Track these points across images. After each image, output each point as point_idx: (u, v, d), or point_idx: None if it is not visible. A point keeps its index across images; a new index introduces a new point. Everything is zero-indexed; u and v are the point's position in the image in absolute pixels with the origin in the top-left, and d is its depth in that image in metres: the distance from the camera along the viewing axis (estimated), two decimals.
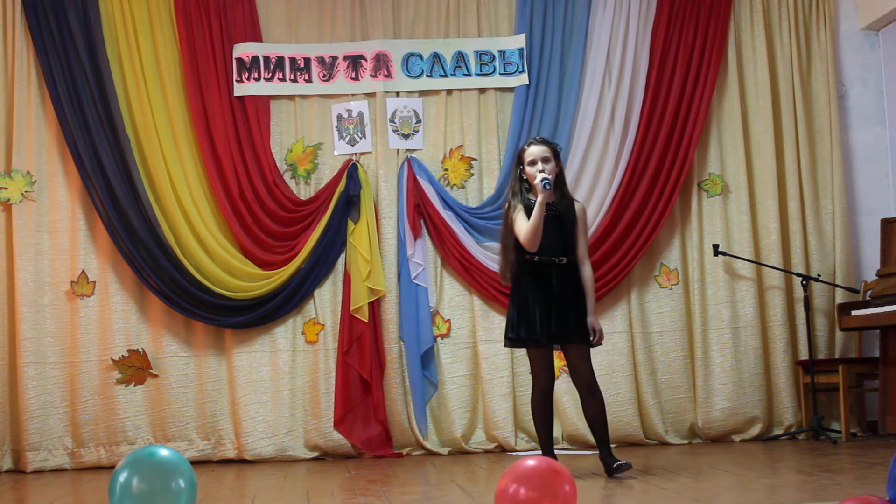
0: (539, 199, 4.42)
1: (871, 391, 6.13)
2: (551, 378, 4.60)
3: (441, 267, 6.11)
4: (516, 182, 4.63)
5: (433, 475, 5.01)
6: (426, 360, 5.99)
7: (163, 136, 5.88)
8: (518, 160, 4.63)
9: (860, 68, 6.50)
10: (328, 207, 5.97)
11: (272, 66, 6.06)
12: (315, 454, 5.91)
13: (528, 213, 4.49)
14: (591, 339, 4.55)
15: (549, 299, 4.49)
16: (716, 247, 6.10)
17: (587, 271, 4.59)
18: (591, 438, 5.89)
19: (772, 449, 5.59)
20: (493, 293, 5.99)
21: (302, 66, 6.11)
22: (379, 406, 5.89)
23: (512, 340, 4.59)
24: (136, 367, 5.87)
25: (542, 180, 4.41)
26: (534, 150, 4.55)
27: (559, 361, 5.42)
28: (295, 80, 6.10)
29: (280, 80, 6.07)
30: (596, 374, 4.58)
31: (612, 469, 4.48)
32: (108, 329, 5.86)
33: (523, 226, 4.47)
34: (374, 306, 5.96)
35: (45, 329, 5.80)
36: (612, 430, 5.22)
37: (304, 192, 6.09)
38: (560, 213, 4.56)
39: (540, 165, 4.49)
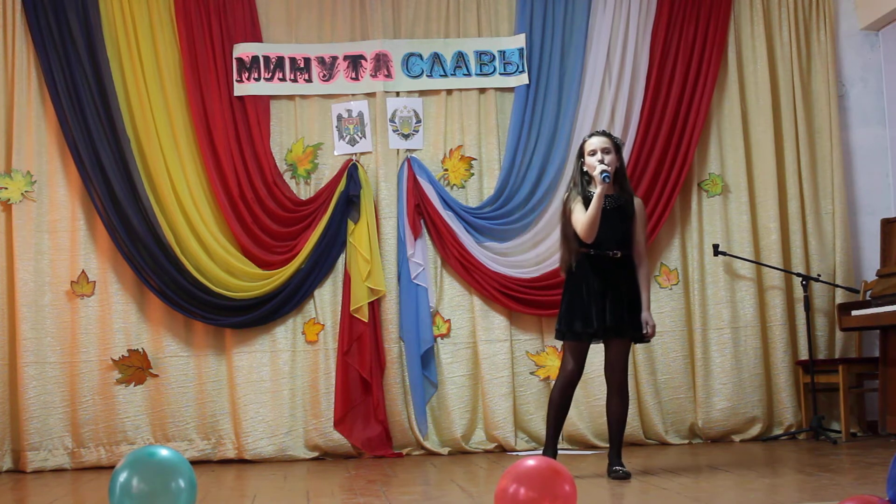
0: (598, 190, 4.42)
1: (871, 391, 6.13)
2: (578, 372, 4.56)
3: (441, 267, 6.11)
4: (577, 174, 4.62)
5: (433, 475, 5.01)
6: (426, 360, 5.99)
7: (163, 136, 5.88)
8: (580, 152, 4.62)
9: (860, 68, 6.50)
10: (328, 207, 5.97)
11: (272, 66, 6.06)
12: (315, 454, 5.91)
13: (587, 204, 4.48)
14: (645, 332, 4.53)
15: (605, 292, 4.48)
16: (716, 247, 6.10)
17: (644, 266, 4.60)
18: (591, 439, 5.93)
19: (772, 449, 5.60)
20: (493, 293, 5.99)
21: (302, 66, 6.11)
22: (379, 406, 5.89)
23: (564, 333, 4.55)
24: (136, 367, 5.87)
25: (601, 172, 4.41)
26: (594, 141, 4.56)
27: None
28: (295, 80, 6.10)
29: (280, 80, 6.07)
30: (596, 374, 4.58)
31: (611, 472, 4.49)
32: (108, 329, 5.85)
33: (581, 217, 4.47)
34: (374, 306, 5.96)
35: (45, 329, 5.80)
36: None
37: (304, 192, 6.09)
38: (619, 207, 4.55)
39: (600, 155, 4.49)
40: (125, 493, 2.74)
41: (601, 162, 4.47)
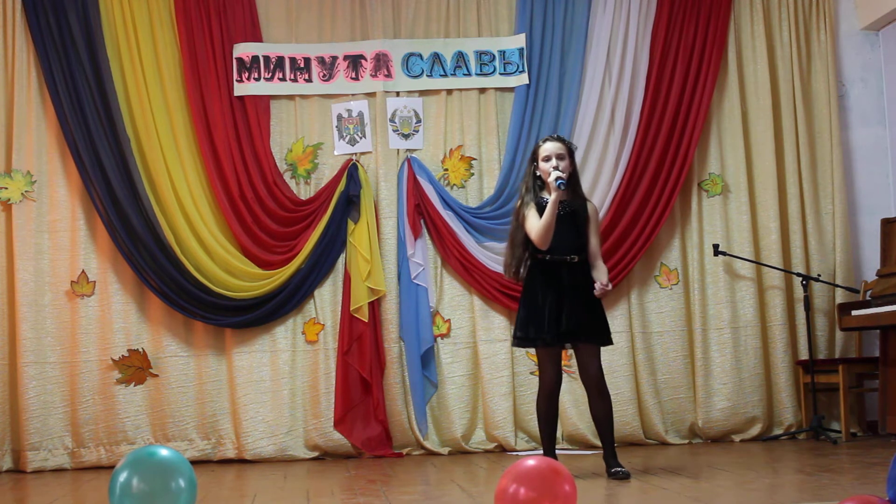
0: (552, 197, 4.41)
1: (871, 391, 6.13)
2: (558, 378, 4.58)
3: (441, 267, 6.11)
4: (530, 178, 4.61)
5: (433, 475, 5.01)
6: (426, 360, 5.99)
7: (163, 136, 5.88)
8: (533, 156, 4.62)
9: (860, 68, 6.50)
10: (328, 207, 5.97)
11: (272, 66, 6.06)
12: (315, 454, 5.91)
13: (540, 210, 4.48)
14: (604, 285, 4.48)
15: (560, 298, 4.47)
16: (716, 247, 6.10)
17: (601, 265, 4.58)
18: (591, 438, 5.92)
19: (772, 449, 5.60)
20: (493, 293, 5.99)
21: (302, 65, 6.11)
22: (379, 406, 5.89)
23: (520, 339, 4.56)
24: (136, 367, 5.87)
25: (555, 179, 4.41)
26: (549, 147, 4.55)
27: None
28: (295, 80, 6.10)
29: (280, 79, 6.07)
30: None
31: (610, 473, 4.49)
32: (108, 329, 5.85)
33: (535, 223, 4.46)
34: (374, 306, 5.96)
35: (45, 329, 5.80)
36: None
37: (304, 191, 6.09)
38: (573, 211, 4.55)
39: (554, 161, 4.48)
40: (125, 493, 2.74)
41: (556, 168, 4.46)
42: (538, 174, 4.57)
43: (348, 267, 5.98)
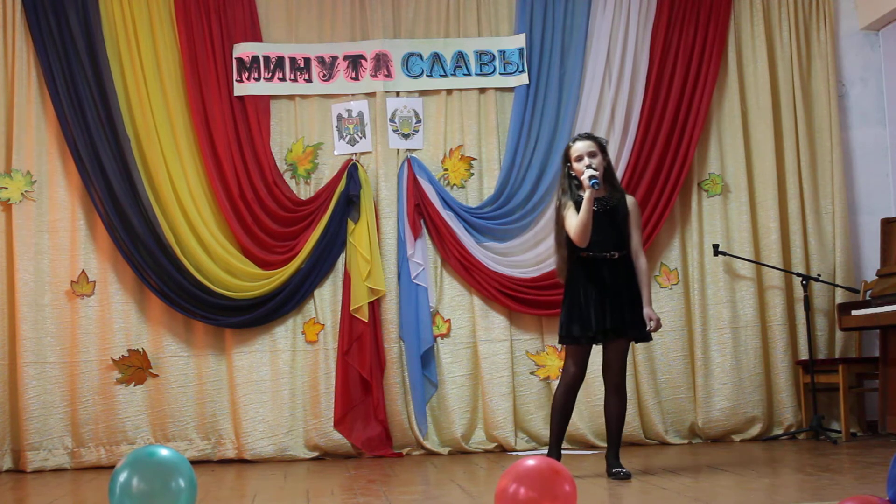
0: (586, 195, 4.40)
1: (871, 391, 6.13)
2: (581, 375, 4.55)
3: (441, 267, 6.11)
4: (565, 179, 4.59)
5: (433, 475, 5.01)
6: (426, 359, 5.99)
7: (163, 136, 5.88)
8: (565, 157, 4.60)
9: (860, 68, 6.50)
10: (328, 207, 5.97)
11: (272, 66, 6.06)
12: (315, 454, 5.91)
13: (578, 207, 4.46)
14: (648, 328, 4.52)
15: (603, 295, 4.46)
16: (716, 247, 6.10)
17: (642, 263, 4.57)
18: (591, 439, 5.93)
19: (772, 449, 5.60)
20: (493, 293, 6.00)
21: (302, 65, 6.11)
22: (379, 406, 5.89)
23: (564, 338, 4.54)
24: (136, 367, 5.87)
25: (589, 178, 4.39)
26: (579, 146, 4.53)
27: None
28: (295, 80, 6.10)
29: (280, 79, 6.07)
30: (596, 375, 4.57)
31: (611, 473, 4.49)
32: (108, 329, 5.86)
33: (573, 222, 4.45)
34: (374, 306, 5.96)
35: (45, 329, 5.80)
36: None
37: (304, 191, 6.09)
38: (612, 207, 4.54)
39: (587, 160, 4.47)
40: (125, 493, 2.74)
41: (589, 167, 4.45)
42: (572, 174, 4.56)
43: (348, 267, 5.98)
